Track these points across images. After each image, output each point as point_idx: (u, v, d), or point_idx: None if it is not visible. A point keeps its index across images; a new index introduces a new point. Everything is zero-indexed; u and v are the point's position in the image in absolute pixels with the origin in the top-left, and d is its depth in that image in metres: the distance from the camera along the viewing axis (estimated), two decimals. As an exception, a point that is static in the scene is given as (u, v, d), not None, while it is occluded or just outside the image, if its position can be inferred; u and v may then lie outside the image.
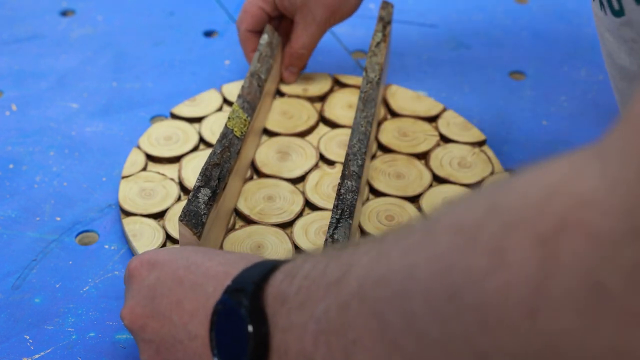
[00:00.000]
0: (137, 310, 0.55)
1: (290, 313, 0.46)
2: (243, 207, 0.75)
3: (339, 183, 0.68)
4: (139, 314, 0.55)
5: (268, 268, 0.49)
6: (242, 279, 0.50)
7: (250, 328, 0.47)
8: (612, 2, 0.63)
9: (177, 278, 0.54)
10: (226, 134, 0.72)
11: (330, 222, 0.64)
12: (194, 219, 0.63)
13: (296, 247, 0.72)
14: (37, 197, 0.78)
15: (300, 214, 0.75)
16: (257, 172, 0.79)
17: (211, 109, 0.86)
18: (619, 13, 0.63)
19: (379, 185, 0.78)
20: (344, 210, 0.65)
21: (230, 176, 0.70)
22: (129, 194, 0.76)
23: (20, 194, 0.78)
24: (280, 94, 0.89)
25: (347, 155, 0.71)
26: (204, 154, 0.80)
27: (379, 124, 0.85)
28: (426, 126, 0.85)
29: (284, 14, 0.87)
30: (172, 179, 0.78)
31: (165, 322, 0.54)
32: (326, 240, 0.63)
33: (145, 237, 0.72)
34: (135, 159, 0.80)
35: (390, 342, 0.39)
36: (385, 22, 0.85)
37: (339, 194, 0.67)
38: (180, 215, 0.63)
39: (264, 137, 0.84)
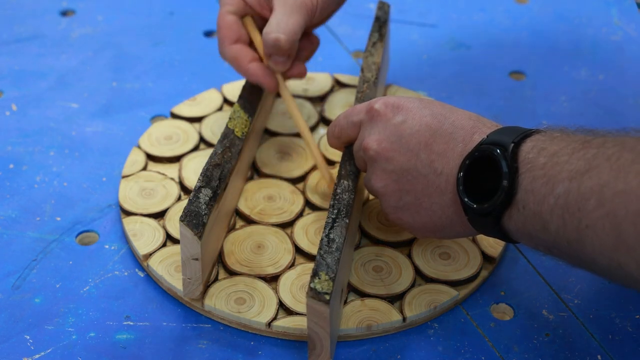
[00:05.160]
0: (384, 144, 0.64)
1: (535, 180, 0.54)
2: (243, 207, 0.75)
3: (336, 183, 0.68)
4: (387, 147, 0.63)
5: (522, 133, 0.57)
6: (499, 136, 0.58)
7: (505, 174, 0.56)
8: None
9: (425, 123, 0.62)
10: (227, 134, 0.72)
11: (326, 221, 0.64)
12: (194, 219, 0.63)
13: (296, 247, 0.72)
14: (37, 197, 0.78)
15: (300, 214, 0.75)
16: (257, 172, 0.79)
17: (211, 109, 0.86)
18: None
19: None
20: (340, 210, 0.65)
21: (231, 176, 0.70)
22: (129, 194, 0.76)
23: (20, 194, 0.78)
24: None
25: (344, 155, 0.71)
26: (204, 154, 0.80)
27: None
28: (426, 126, 0.85)
29: (257, 9, 0.78)
30: (172, 179, 0.78)
31: (411, 157, 0.62)
32: (322, 240, 0.63)
33: (145, 236, 0.72)
34: (136, 159, 0.80)
35: (620, 241, 0.49)
36: (381, 22, 0.85)
37: (335, 193, 0.67)
38: (181, 216, 0.63)
39: (264, 137, 0.84)
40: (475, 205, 0.58)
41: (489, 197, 0.57)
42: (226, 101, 0.88)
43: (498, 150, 0.57)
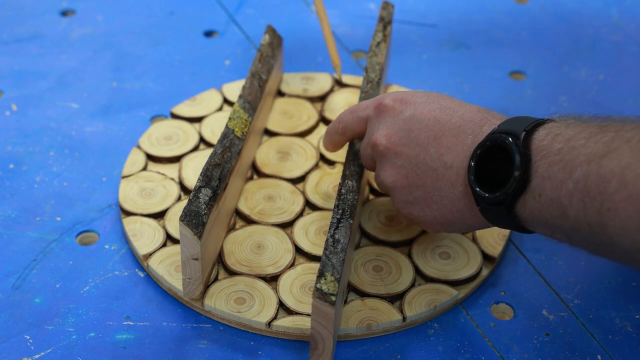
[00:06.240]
0: (393, 138, 0.64)
1: (551, 166, 0.54)
2: (243, 207, 0.75)
3: (340, 183, 0.68)
4: (396, 142, 0.64)
5: (534, 122, 0.58)
6: (509, 125, 0.58)
7: (517, 162, 0.55)
8: None
9: (434, 117, 0.63)
10: (227, 134, 0.72)
11: (331, 221, 0.64)
12: (194, 219, 0.63)
13: (296, 247, 0.72)
14: (37, 197, 0.78)
15: (300, 214, 0.75)
16: (257, 172, 0.79)
17: (211, 109, 0.86)
18: None
19: (379, 185, 0.78)
20: (345, 210, 0.65)
21: (231, 176, 0.70)
22: (129, 194, 0.76)
23: (20, 194, 0.78)
24: (280, 93, 0.89)
25: (348, 155, 0.71)
26: (204, 154, 0.80)
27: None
28: (426, 126, 0.85)
29: None
30: (172, 179, 0.78)
31: (420, 151, 0.62)
32: (327, 240, 0.63)
33: (145, 236, 0.72)
34: (136, 159, 0.80)
35: None
36: (385, 22, 0.85)
37: (340, 193, 0.67)
38: (181, 216, 0.63)
39: (264, 137, 0.84)
40: (487, 195, 0.58)
41: (501, 186, 0.57)
42: (226, 101, 0.88)
43: (510, 139, 0.57)
